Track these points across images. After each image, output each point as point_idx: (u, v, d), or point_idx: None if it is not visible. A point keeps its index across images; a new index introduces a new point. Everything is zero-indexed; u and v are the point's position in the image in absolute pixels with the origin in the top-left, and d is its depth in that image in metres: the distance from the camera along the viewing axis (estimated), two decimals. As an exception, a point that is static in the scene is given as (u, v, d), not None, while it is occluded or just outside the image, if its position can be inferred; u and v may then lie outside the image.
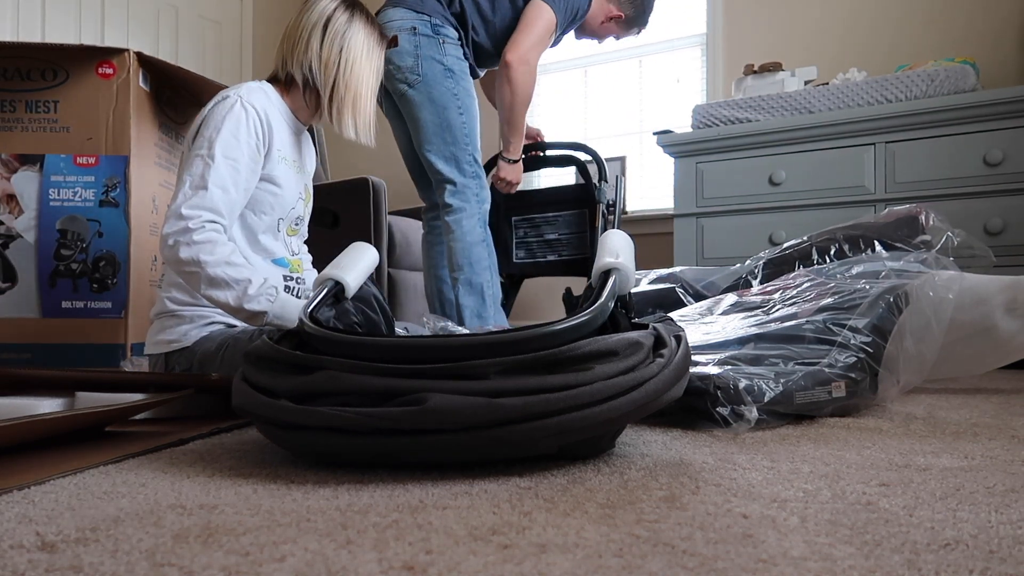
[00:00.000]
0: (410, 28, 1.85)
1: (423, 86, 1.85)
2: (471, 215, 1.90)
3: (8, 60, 1.69)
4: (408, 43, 1.84)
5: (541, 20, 1.91)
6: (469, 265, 1.89)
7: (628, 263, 0.91)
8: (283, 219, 1.40)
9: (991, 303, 1.31)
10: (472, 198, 1.91)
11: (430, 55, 1.85)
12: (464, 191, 1.90)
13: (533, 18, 1.91)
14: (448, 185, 1.90)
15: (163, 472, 0.77)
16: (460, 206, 1.90)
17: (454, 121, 1.88)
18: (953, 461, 0.80)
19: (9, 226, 1.68)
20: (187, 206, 1.20)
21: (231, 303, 1.19)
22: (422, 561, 0.48)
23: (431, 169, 1.91)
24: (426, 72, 1.85)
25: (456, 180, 1.89)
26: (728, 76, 3.20)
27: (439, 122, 1.87)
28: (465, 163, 1.90)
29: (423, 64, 1.85)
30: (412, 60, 1.84)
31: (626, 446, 0.89)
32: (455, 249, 1.90)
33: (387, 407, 0.71)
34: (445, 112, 1.87)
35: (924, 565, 0.47)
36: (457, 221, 1.90)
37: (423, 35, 1.85)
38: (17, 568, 0.47)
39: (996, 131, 2.22)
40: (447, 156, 1.88)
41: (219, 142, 1.24)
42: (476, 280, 1.90)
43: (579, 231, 2.37)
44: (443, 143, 1.88)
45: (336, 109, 1.39)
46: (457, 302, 1.89)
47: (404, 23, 1.85)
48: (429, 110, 1.86)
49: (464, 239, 1.89)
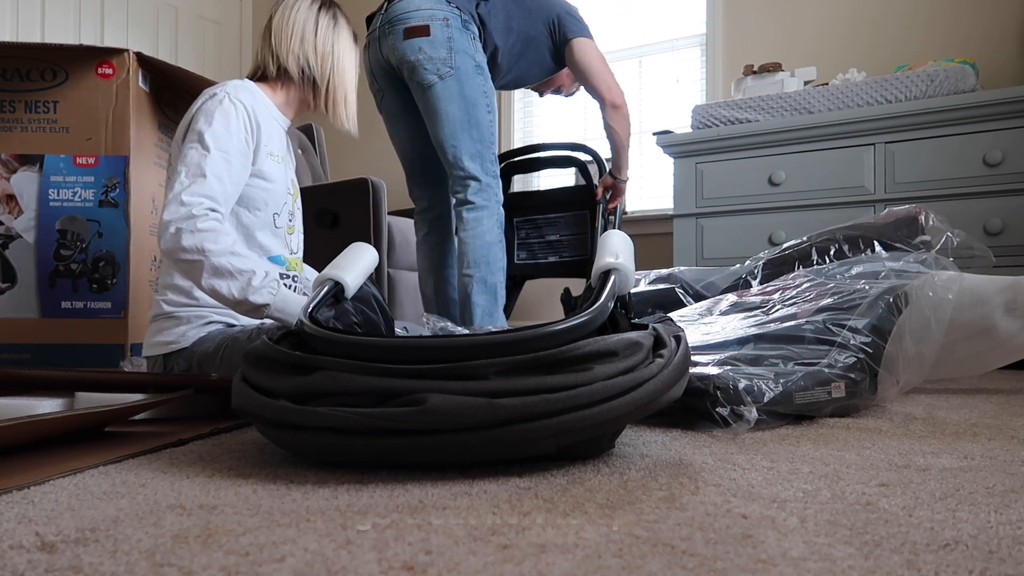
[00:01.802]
0: (443, 19, 1.81)
1: (455, 80, 1.82)
2: (492, 214, 1.90)
3: (8, 60, 1.69)
4: (441, 34, 1.81)
5: (598, 53, 2.04)
6: (486, 264, 1.88)
7: (628, 263, 0.91)
8: (278, 214, 1.40)
9: (991, 303, 1.31)
10: (493, 198, 1.91)
11: (463, 49, 1.83)
12: (487, 190, 1.89)
13: (595, 57, 2.02)
14: (472, 182, 1.87)
15: (163, 472, 0.77)
16: (483, 204, 1.88)
17: (483, 119, 1.86)
18: (953, 461, 0.80)
19: (9, 226, 1.68)
20: (188, 193, 1.19)
21: (235, 294, 1.17)
22: (422, 561, 0.48)
23: (455, 164, 1.87)
24: (459, 65, 1.82)
25: (480, 178, 1.88)
26: (728, 76, 3.20)
27: (468, 118, 1.84)
28: (489, 162, 1.89)
29: (456, 57, 1.82)
30: (446, 52, 1.81)
31: (626, 446, 0.89)
32: (472, 247, 1.87)
33: (387, 407, 0.71)
34: (475, 109, 1.85)
35: (923, 565, 0.47)
36: (478, 219, 1.88)
37: (455, 28, 1.82)
38: (17, 568, 0.47)
39: (996, 131, 2.22)
40: (473, 153, 1.86)
41: (212, 134, 1.24)
42: (491, 280, 1.89)
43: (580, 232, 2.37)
44: (471, 139, 1.85)
45: (332, 101, 1.44)
46: (470, 300, 1.87)
47: (436, 13, 1.81)
48: (459, 105, 1.83)
49: (483, 237, 1.88)
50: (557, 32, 2.00)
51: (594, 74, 2.00)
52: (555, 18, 2.00)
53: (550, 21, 2.00)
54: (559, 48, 2.02)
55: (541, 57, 2.02)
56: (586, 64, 2.00)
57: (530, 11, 1.98)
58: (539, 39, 2.00)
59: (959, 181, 2.26)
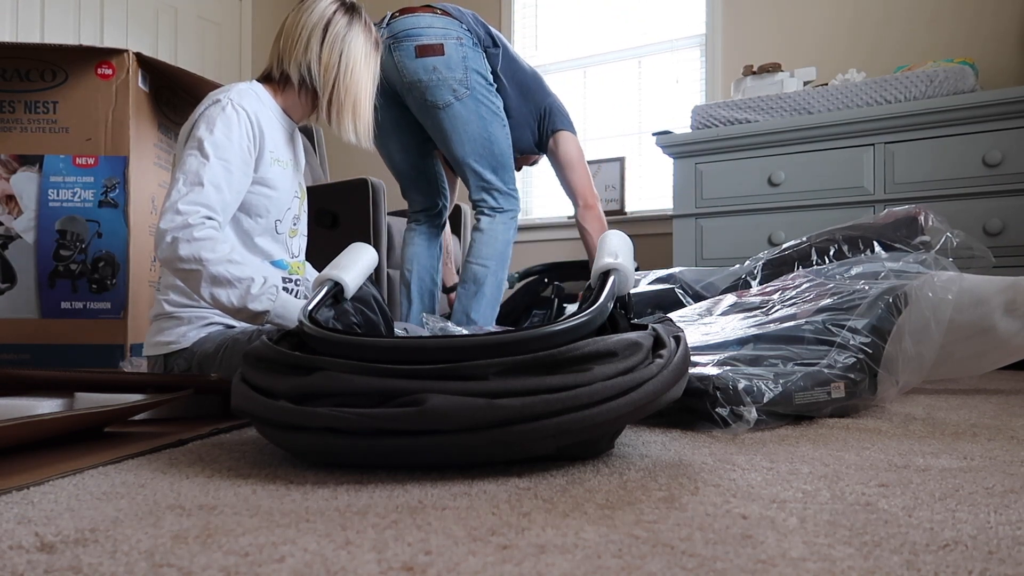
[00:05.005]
0: (456, 38, 1.83)
1: (471, 100, 1.84)
2: (512, 217, 1.96)
3: (7, 61, 1.69)
4: (456, 53, 1.82)
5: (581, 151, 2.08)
6: (501, 260, 1.94)
7: (627, 264, 0.91)
8: (280, 220, 1.39)
9: (990, 304, 1.31)
10: (517, 204, 1.97)
11: (476, 68, 1.85)
12: (510, 198, 1.95)
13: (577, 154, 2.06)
14: (495, 192, 1.92)
15: (162, 473, 0.77)
16: (508, 208, 1.94)
17: (498, 135, 1.89)
18: (952, 462, 0.80)
19: (8, 227, 1.68)
20: (184, 202, 1.18)
21: (234, 302, 1.16)
22: (421, 562, 0.48)
23: (477, 178, 1.91)
24: (474, 85, 1.84)
25: (502, 188, 1.93)
26: (727, 77, 3.20)
27: (486, 136, 1.87)
28: (508, 177, 1.94)
29: (471, 77, 1.84)
30: (462, 72, 1.82)
31: (625, 447, 0.89)
32: (490, 243, 1.91)
33: (386, 408, 0.71)
34: (492, 125, 1.88)
35: (923, 566, 0.47)
36: (500, 220, 1.93)
37: (468, 47, 1.84)
38: (16, 569, 0.47)
39: (995, 132, 2.22)
40: (494, 167, 1.91)
41: (212, 142, 1.23)
42: (501, 275, 1.95)
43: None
44: (490, 155, 1.89)
45: (336, 111, 1.39)
46: (482, 287, 1.91)
47: (449, 32, 1.83)
48: (476, 124, 1.86)
49: (505, 235, 1.93)
50: (546, 119, 2.06)
51: (574, 169, 2.06)
52: (547, 107, 2.05)
53: (541, 109, 2.05)
54: (542, 136, 2.07)
55: (521, 134, 2.05)
56: (568, 159, 2.05)
57: (528, 90, 2.03)
58: (526, 119, 2.04)
59: (959, 181, 2.26)
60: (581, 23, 3.66)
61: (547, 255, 3.47)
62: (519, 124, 2.02)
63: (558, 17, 3.72)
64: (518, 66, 2.01)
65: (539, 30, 3.76)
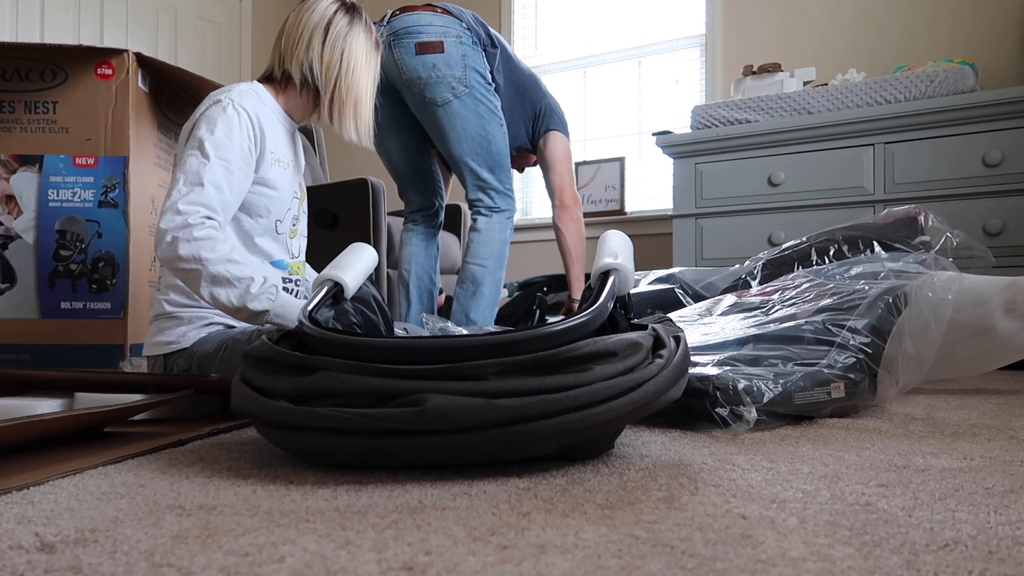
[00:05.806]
0: (456, 36, 1.83)
1: (470, 98, 1.84)
2: (509, 217, 1.97)
3: (7, 61, 1.69)
4: (456, 51, 1.82)
5: (569, 154, 2.09)
6: (499, 260, 1.95)
7: (627, 264, 0.91)
8: (280, 220, 1.40)
9: (990, 304, 1.31)
10: (513, 205, 1.98)
11: (475, 67, 1.85)
12: (506, 197, 1.95)
13: (565, 155, 2.07)
14: (492, 191, 1.93)
15: (162, 473, 0.77)
16: (504, 208, 1.95)
17: (496, 134, 1.90)
18: (952, 462, 0.80)
19: (8, 227, 1.68)
20: (184, 202, 1.18)
21: (233, 302, 1.16)
22: (421, 562, 0.48)
23: (473, 177, 1.91)
24: (473, 84, 1.85)
25: (498, 188, 1.93)
26: (727, 77, 3.20)
27: (483, 135, 1.87)
28: (505, 177, 1.94)
29: (470, 75, 1.84)
30: (461, 70, 1.83)
31: (625, 447, 0.89)
32: (487, 243, 1.92)
33: (386, 408, 0.71)
34: (489, 124, 1.88)
35: (923, 566, 0.47)
36: (497, 220, 1.94)
37: (468, 45, 1.85)
38: (16, 569, 0.47)
39: (995, 132, 2.23)
40: (491, 166, 1.91)
41: (213, 142, 1.23)
42: (499, 275, 1.96)
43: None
44: (488, 154, 1.90)
45: (337, 111, 1.40)
46: (480, 286, 1.92)
47: (449, 30, 1.83)
48: (474, 123, 1.86)
49: (502, 235, 1.94)
50: (540, 118, 2.07)
51: (555, 169, 2.07)
52: (543, 106, 2.07)
53: (537, 108, 2.06)
54: (535, 134, 2.08)
55: (516, 132, 2.05)
56: (553, 158, 2.07)
57: (526, 89, 2.04)
58: (521, 118, 2.05)
59: (959, 181, 2.27)
60: (581, 23, 3.66)
61: (547, 255, 3.47)
62: (514, 122, 2.03)
63: (558, 17, 3.72)
64: (516, 67, 2.02)
65: (539, 30, 3.77)
